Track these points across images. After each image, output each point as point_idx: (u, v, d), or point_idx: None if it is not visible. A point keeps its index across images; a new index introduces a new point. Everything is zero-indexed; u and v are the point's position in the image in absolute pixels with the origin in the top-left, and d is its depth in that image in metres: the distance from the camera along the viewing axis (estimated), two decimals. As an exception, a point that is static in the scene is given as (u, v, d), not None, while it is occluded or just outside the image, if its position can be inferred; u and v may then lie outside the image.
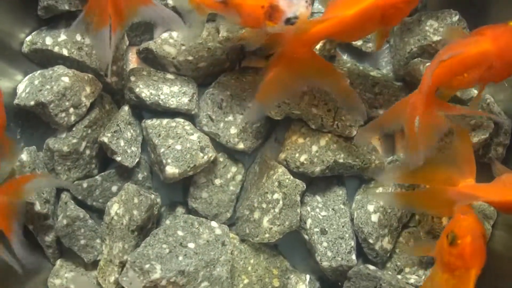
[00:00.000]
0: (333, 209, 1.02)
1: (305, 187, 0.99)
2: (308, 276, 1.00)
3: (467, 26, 1.03)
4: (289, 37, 0.83)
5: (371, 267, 0.97)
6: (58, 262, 1.01)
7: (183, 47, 1.03)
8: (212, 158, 0.99)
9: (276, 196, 0.97)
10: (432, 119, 0.85)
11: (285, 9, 0.81)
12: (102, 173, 1.02)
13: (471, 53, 0.82)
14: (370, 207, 0.99)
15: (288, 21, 0.82)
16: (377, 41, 0.96)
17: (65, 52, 0.99)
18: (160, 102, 1.01)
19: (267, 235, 0.97)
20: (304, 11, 0.82)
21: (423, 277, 0.98)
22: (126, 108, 1.04)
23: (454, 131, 0.92)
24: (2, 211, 0.85)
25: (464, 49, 0.83)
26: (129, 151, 1.01)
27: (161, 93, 1.02)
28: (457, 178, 0.86)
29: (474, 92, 1.01)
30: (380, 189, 1.00)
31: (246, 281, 0.99)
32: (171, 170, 0.96)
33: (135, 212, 0.96)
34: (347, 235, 0.98)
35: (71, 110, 0.97)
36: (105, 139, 0.98)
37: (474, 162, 0.88)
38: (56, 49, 1.00)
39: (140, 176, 1.04)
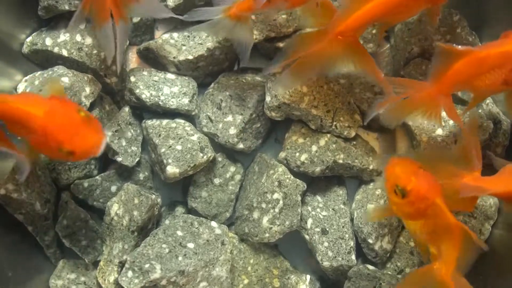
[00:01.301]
0: (333, 209, 1.02)
1: (305, 187, 0.99)
2: (308, 276, 1.00)
3: (467, 26, 1.03)
4: (334, 20, 0.83)
5: (371, 267, 0.97)
6: (60, 263, 1.01)
7: (184, 47, 1.03)
8: (211, 158, 1.00)
9: (276, 196, 0.97)
10: (429, 107, 0.85)
11: None
12: (102, 174, 1.02)
13: (491, 53, 0.81)
14: (370, 207, 0.99)
15: None
16: (430, 20, 0.95)
17: (64, 52, 1.00)
18: (160, 103, 1.01)
19: (266, 235, 0.97)
20: None
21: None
22: (126, 108, 1.04)
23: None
24: None
25: (485, 49, 0.81)
26: (129, 150, 1.02)
27: (161, 94, 1.02)
28: (463, 172, 0.85)
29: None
30: (379, 190, 1.00)
31: (246, 281, 0.99)
32: (172, 169, 0.96)
33: (135, 212, 0.96)
34: (347, 236, 0.98)
35: (72, 110, 0.97)
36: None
37: (481, 156, 0.87)
38: (55, 49, 1.00)
39: (141, 176, 1.05)
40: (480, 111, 1.02)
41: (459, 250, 0.77)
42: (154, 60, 1.07)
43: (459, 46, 0.81)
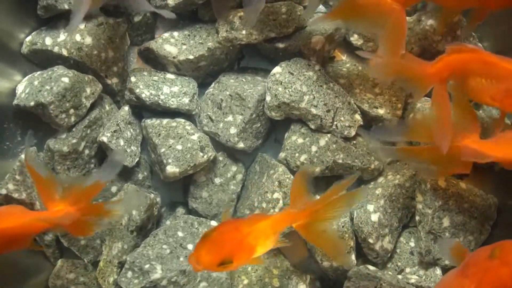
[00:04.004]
0: (333, 209, 1.02)
1: (305, 187, 0.99)
2: (308, 276, 1.00)
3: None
4: None
5: (371, 267, 0.96)
6: (59, 262, 1.01)
7: (184, 46, 1.03)
8: (212, 158, 1.00)
9: (276, 195, 0.97)
10: (418, 82, 0.85)
11: None
12: (102, 173, 1.02)
13: (501, 65, 0.80)
14: (370, 207, 0.99)
15: None
16: (470, 21, 0.94)
17: (64, 52, 0.99)
18: (160, 102, 1.01)
19: (266, 235, 0.97)
20: None
21: (424, 277, 0.98)
22: (126, 108, 1.04)
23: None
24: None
25: (498, 58, 0.81)
26: (128, 150, 1.01)
27: (161, 93, 1.02)
28: (461, 135, 0.84)
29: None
30: (379, 190, 1.00)
31: (245, 281, 0.99)
32: (172, 169, 0.96)
33: (134, 212, 0.96)
34: (346, 235, 0.98)
35: (72, 111, 0.97)
36: (105, 139, 0.98)
37: (477, 118, 0.86)
38: (55, 49, 1.00)
39: (140, 175, 1.04)
40: (480, 111, 1.03)
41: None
42: (154, 60, 1.07)
43: (469, 45, 0.81)
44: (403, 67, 0.86)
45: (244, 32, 0.99)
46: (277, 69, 1.00)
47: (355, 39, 1.08)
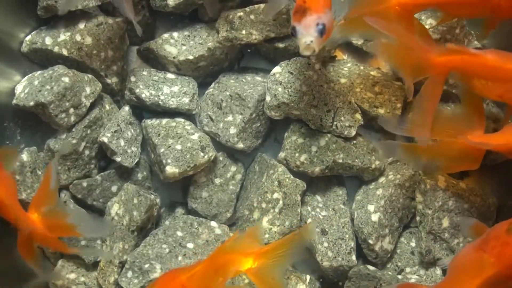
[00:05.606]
0: (333, 209, 1.01)
1: (305, 186, 0.99)
2: (308, 276, 1.00)
3: (466, 25, 1.03)
4: None
5: (371, 267, 0.96)
6: (60, 262, 1.00)
7: (184, 47, 1.03)
8: (212, 158, 0.99)
9: (276, 195, 0.97)
10: (418, 66, 0.83)
11: None
12: (102, 173, 1.02)
13: (506, 67, 0.80)
14: (370, 207, 0.99)
15: None
16: (482, 30, 0.93)
17: (65, 52, 0.99)
18: (160, 102, 1.01)
19: (266, 236, 0.97)
20: None
21: (424, 277, 0.98)
22: (126, 108, 1.04)
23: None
24: None
25: (503, 60, 0.80)
26: (129, 151, 1.01)
27: (161, 94, 1.02)
28: (466, 131, 0.84)
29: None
30: (380, 190, 1.00)
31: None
32: (171, 170, 0.96)
33: (135, 212, 0.96)
34: (347, 236, 0.98)
35: (71, 110, 0.97)
36: (105, 139, 0.98)
37: (484, 114, 0.87)
38: (56, 49, 0.99)
39: (139, 176, 1.04)
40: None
41: None
42: (154, 60, 1.07)
43: (471, 50, 0.81)
44: (408, 46, 0.84)
45: (244, 32, 0.99)
46: (277, 69, 0.99)
47: (355, 39, 1.08)
